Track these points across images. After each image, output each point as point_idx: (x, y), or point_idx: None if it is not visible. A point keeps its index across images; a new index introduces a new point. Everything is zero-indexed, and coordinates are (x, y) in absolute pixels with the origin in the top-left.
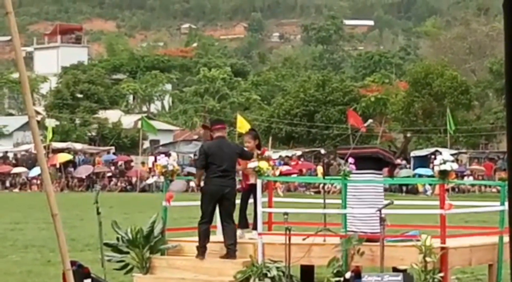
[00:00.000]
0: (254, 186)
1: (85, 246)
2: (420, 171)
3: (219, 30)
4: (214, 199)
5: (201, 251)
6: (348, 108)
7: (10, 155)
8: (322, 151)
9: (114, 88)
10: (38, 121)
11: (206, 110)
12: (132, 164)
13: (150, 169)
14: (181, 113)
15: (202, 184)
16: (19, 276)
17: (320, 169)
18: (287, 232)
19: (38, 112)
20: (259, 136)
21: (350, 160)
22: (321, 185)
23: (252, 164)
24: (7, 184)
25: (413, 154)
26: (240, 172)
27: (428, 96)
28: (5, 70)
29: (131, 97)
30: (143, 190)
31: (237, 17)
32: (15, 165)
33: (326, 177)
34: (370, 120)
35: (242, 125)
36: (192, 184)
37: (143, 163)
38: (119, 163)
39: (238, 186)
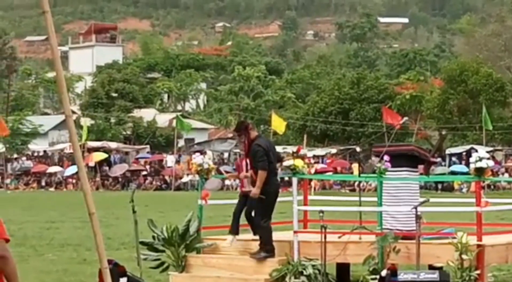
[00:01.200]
0: (247, 193)
1: (120, 245)
2: (455, 168)
3: (253, 28)
4: (276, 198)
5: (272, 249)
6: (383, 106)
7: (46, 154)
8: (358, 149)
9: (149, 87)
10: (73, 121)
11: (241, 109)
12: (167, 162)
13: (188, 165)
14: (215, 112)
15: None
16: (55, 274)
17: (355, 167)
18: (323, 230)
19: (73, 112)
20: None
21: (386, 157)
22: (357, 183)
23: (287, 162)
24: (43, 183)
25: (448, 151)
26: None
27: (463, 93)
28: (40, 69)
29: (166, 96)
30: (178, 189)
31: (272, 16)
32: (51, 164)
33: (361, 175)
34: (405, 118)
35: (277, 123)
36: (227, 182)
37: (177, 162)
38: (154, 161)
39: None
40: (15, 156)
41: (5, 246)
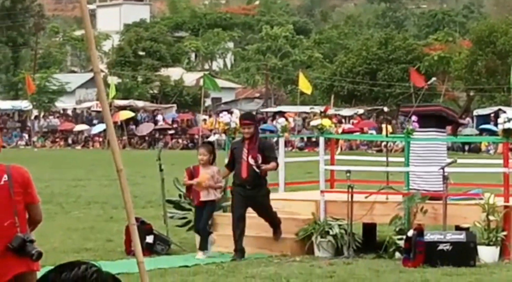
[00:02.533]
0: (205, 203)
1: (147, 203)
2: (483, 129)
3: None
4: None
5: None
6: (411, 67)
7: (73, 112)
8: (385, 109)
9: (176, 46)
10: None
11: (268, 68)
12: (194, 121)
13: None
14: (243, 71)
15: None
16: (82, 232)
17: (383, 127)
18: (350, 190)
19: (100, 70)
20: (215, 151)
21: (414, 117)
22: (384, 143)
23: (315, 122)
24: (70, 141)
25: (476, 112)
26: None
27: (492, 54)
28: (68, 27)
29: (193, 55)
30: None
31: None
32: (78, 122)
33: (389, 135)
34: (433, 79)
35: (304, 83)
36: None
37: (204, 120)
38: (181, 120)
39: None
40: (42, 113)
41: (41, 209)
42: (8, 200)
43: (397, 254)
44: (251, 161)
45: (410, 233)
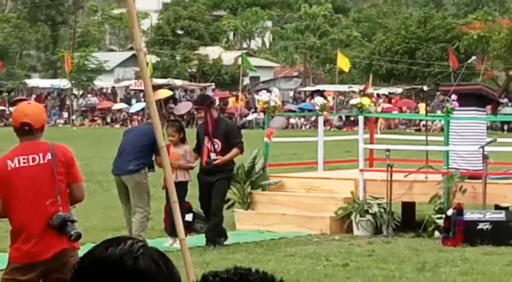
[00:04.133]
0: (180, 184)
1: None
2: None
3: None
4: None
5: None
6: (450, 47)
7: (112, 90)
8: (425, 88)
9: (215, 25)
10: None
11: (307, 47)
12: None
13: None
14: (281, 50)
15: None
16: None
17: (422, 106)
18: (389, 169)
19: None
20: (183, 129)
21: (453, 96)
22: (423, 122)
23: (354, 100)
24: (108, 119)
25: None
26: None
27: None
28: (106, 6)
29: (231, 33)
30: (243, 127)
31: None
32: (116, 101)
33: (428, 114)
34: (473, 58)
35: (342, 62)
36: (292, 120)
37: (241, 99)
38: (218, 99)
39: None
40: (81, 92)
41: (84, 189)
42: (51, 178)
43: (437, 233)
44: (210, 147)
45: (450, 212)
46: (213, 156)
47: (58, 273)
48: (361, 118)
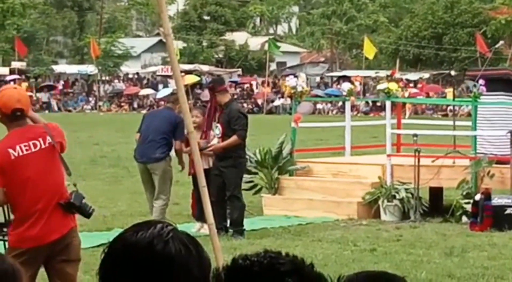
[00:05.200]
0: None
1: None
2: None
3: None
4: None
5: (243, 230)
6: (477, 31)
7: (138, 76)
8: (452, 73)
9: (241, 10)
10: (165, 43)
11: (333, 33)
12: (258, 85)
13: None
14: (308, 36)
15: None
16: None
17: (450, 91)
18: (417, 154)
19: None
20: None
21: (481, 81)
22: (450, 107)
23: (381, 86)
24: (135, 105)
25: None
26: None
27: None
28: None
29: (258, 19)
30: (269, 112)
31: None
32: (143, 87)
33: (456, 99)
34: (501, 42)
35: (368, 48)
36: (319, 106)
37: (268, 84)
38: (246, 85)
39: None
40: (108, 78)
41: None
42: (57, 161)
43: (464, 218)
44: (216, 132)
45: (478, 197)
46: (215, 141)
47: (63, 254)
48: (388, 104)
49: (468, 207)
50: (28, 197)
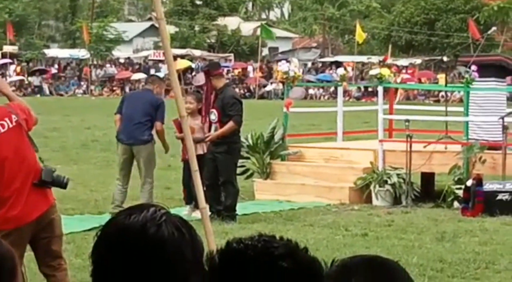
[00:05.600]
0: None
1: None
2: None
3: None
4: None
5: (236, 215)
6: (469, 17)
7: (130, 61)
8: (445, 59)
9: None
10: (157, 28)
11: (326, 18)
12: (250, 71)
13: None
14: (300, 21)
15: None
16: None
17: (442, 77)
18: (408, 139)
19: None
20: (202, 100)
21: (473, 67)
22: (442, 93)
23: (374, 71)
24: (127, 89)
25: None
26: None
27: None
28: None
29: (250, 4)
30: (261, 97)
31: None
32: (135, 71)
33: (448, 85)
34: (493, 28)
35: (360, 34)
36: (311, 91)
37: (261, 70)
38: (237, 70)
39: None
40: (99, 62)
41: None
42: (26, 138)
43: (456, 204)
44: (212, 117)
45: (469, 182)
46: (213, 127)
47: (47, 232)
48: (380, 89)
49: (460, 193)
50: (5, 178)
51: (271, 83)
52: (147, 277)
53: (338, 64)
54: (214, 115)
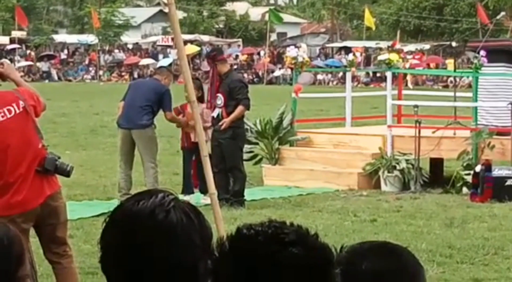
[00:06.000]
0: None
1: None
2: None
3: None
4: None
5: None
6: (478, 2)
7: (139, 46)
8: (453, 44)
9: None
10: (165, 13)
11: (334, 3)
12: (259, 56)
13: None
14: (308, 6)
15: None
16: None
17: (451, 62)
18: (417, 125)
19: (165, 4)
20: (202, 87)
21: (482, 52)
22: (450, 78)
23: (382, 56)
24: (135, 75)
25: None
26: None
27: None
28: None
29: None
30: (270, 82)
31: None
32: (143, 56)
33: (456, 70)
34: (502, 13)
35: (369, 19)
36: (320, 76)
37: (269, 55)
38: (245, 55)
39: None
40: (108, 47)
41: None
42: (32, 124)
43: (465, 189)
44: (218, 102)
45: (478, 168)
46: (217, 111)
47: (52, 218)
48: (389, 74)
49: (469, 178)
50: (10, 163)
51: (280, 68)
52: (156, 263)
53: (347, 49)
54: (220, 100)
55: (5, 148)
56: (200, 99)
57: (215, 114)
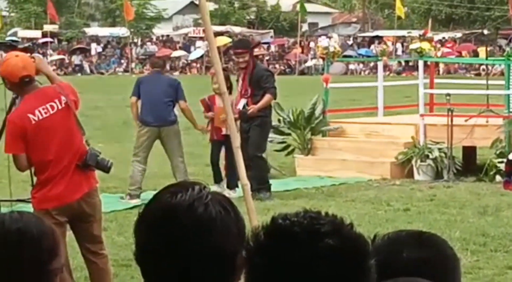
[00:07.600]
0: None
1: None
2: None
3: None
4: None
5: (270, 185)
6: None
7: (170, 38)
8: (485, 32)
9: None
10: (196, 5)
11: None
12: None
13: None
14: None
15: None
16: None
17: (482, 50)
18: (450, 113)
19: None
20: (229, 78)
21: None
22: (482, 66)
23: (414, 45)
24: (167, 67)
25: None
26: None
27: None
28: None
29: None
30: (302, 73)
31: None
32: (175, 48)
33: (488, 58)
34: None
35: (400, 8)
36: (351, 66)
37: (301, 46)
38: (276, 46)
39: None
40: (140, 40)
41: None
42: (74, 120)
43: (498, 177)
44: (242, 92)
45: (511, 156)
46: (243, 101)
47: (87, 215)
48: (421, 63)
49: (502, 166)
50: (52, 158)
51: (311, 58)
52: (196, 257)
53: (379, 38)
54: (249, 92)
55: (47, 143)
56: (229, 91)
57: (240, 106)
